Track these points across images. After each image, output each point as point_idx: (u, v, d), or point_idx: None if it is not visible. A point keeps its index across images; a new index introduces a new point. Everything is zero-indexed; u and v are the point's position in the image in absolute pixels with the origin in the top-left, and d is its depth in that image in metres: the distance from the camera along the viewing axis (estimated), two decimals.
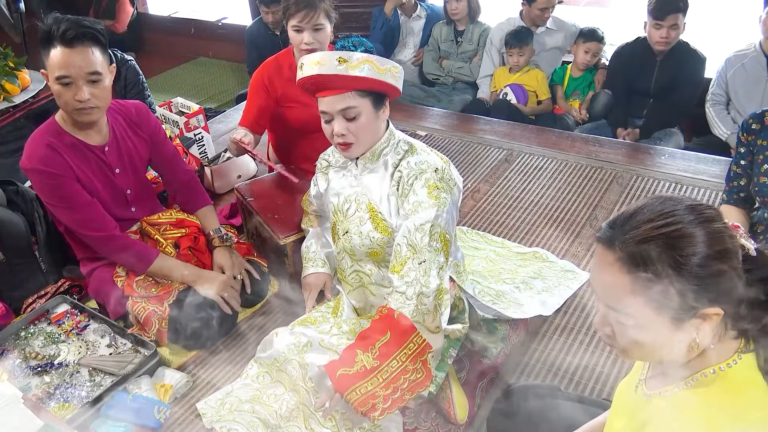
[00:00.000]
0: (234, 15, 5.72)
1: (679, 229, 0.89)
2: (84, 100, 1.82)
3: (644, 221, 0.91)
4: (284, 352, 1.70)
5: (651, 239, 0.89)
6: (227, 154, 2.88)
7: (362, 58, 1.56)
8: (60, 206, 1.94)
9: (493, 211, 2.66)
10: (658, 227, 0.90)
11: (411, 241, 1.57)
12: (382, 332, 1.54)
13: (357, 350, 1.53)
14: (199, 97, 4.75)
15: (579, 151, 3.06)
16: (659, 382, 1.03)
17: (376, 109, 1.64)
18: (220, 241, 2.14)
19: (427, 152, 1.70)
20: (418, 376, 1.53)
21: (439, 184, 1.62)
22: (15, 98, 3.27)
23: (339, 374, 1.50)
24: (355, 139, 1.64)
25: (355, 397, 1.49)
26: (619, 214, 0.96)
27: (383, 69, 1.59)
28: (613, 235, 0.93)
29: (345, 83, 1.57)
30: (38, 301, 2.18)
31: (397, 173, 1.68)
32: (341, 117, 1.62)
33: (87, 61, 1.81)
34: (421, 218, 1.58)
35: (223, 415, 1.72)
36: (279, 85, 2.42)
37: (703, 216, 0.91)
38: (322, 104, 1.64)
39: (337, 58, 1.55)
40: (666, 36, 3.02)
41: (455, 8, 3.78)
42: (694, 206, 0.92)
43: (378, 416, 1.49)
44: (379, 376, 1.51)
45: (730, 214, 1.95)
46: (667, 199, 0.94)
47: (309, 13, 2.24)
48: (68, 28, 1.78)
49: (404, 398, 1.52)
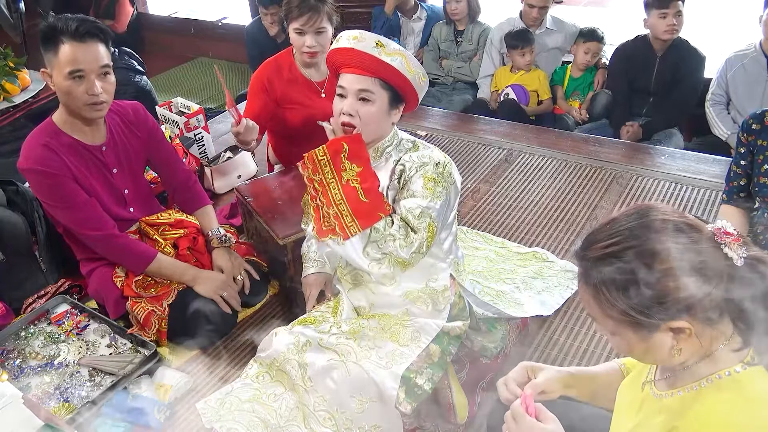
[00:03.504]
0: (234, 15, 5.71)
1: (623, 249, 0.94)
2: (97, 94, 1.85)
3: (596, 241, 0.98)
4: (283, 351, 1.70)
5: (600, 259, 0.95)
6: (227, 154, 2.88)
7: (398, 50, 1.61)
8: (58, 206, 1.94)
9: (493, 211, 2.66)
10: (606, 247, 0.95)
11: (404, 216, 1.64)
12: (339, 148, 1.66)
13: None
14: (199, 97, 4.75)
15: (579, 151, 3.06)
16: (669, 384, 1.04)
17: (390, 105, 1.67)
18: (219, 242, 2.14)
19: (430, 149, 1.73)
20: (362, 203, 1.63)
21: (437, 178, 1.65)
22: (15, 98, 3.28)
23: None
24: (360, 123, 1.65)
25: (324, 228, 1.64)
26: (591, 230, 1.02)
27: (413, 70, 1.63)
28: (578, 252, 1.00)
29: (373, 66, 1.60)
30: (38, 301, 2.18)
31: (399, 167, 1.70)
32: (356, 97, 1.63)
33: (98, 56, 1.85)
34: (413, 203, 1.63)
35: (223, 414, 1.72)
36: (279, 85, 2.42)
37: (658, 234, 0.93)
38: (343, 80, 1.65)
39: (375, 41, 1.60)
40: (673, 23, 3.00)
41: (455, 8, 3.78)
42: (648, 224, 0.94)
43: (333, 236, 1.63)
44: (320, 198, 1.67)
45: (730, 214, 1.95)
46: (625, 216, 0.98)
47: (312, 17, 2.24)
48: (79, 24, 1.81)
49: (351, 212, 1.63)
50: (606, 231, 0.97)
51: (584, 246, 0.99)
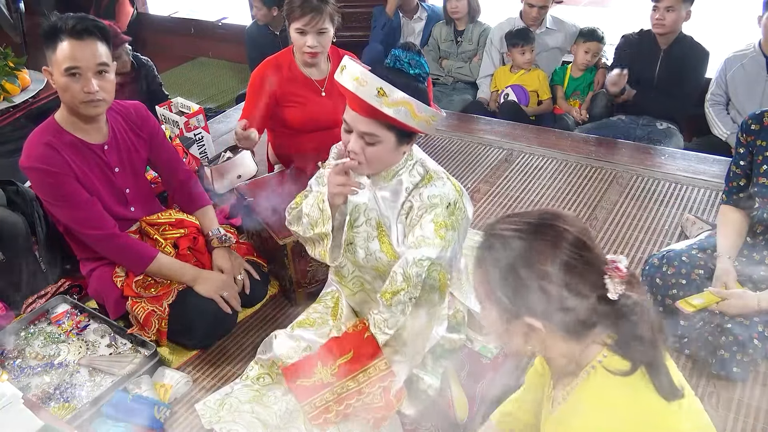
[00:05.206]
0: (234, 15, 5.71)
1: (518, 238, 1.00)
2: (93, 92, 1.85)
3: (505, 222, 1.05)
4: (283, 354, 1.70)
5: (497, 236, 1.03)
6: (227, 154, 2.88)
7: (401, 99, 1.42)
8: (59, 204, 1.94)
9: (493, 211, 2.66)
10: (507, 229, 1.03)
11: (407, 273, 1.53)
12: (346, 349, 1.57)
13: (318, 362, 1.58)
14: (199, 97, 4.75)
15: (579, 151, 3.06)
16: (557, 396, 1.11)
17: (398, 142, 1.54)
18: (219, 242, 2.14)
19: (442, 181, 1.60)
20: (375, 401, 1.55)
21: (447, 222, 1.54)
22: (15, 98, 3.28)
23: (297, 384, 1.57)
24: (366, 161, 1.54)
25: (310, 411, 1.56)
26: (509, 212, 1.10)
27: (419, 116, 1.45)
28: (489, 223, 1.09)
29: (375, 113, 1.45)
30: (38, 301, 2.19)
31: (407, 203, 1.60)
32: (360, 137, 1.52)
33: (95, 53, 1.85)
34: (422, 254, 1.52)
35: (223, 415, 1.72)
36: (278, 84, 2.42)
37: (553, 239, 0.99)
38: (347, 114, 1.53)
39: (377, 88, 1.42)
40: (661, 18, 2.99)
41: (455, 7, 3.78)
42: (549, 228, 1.01)
43: (324, 427, 1.56)
44: (334, 391, 1.56)
45: (730, 214, 1.95)
46: (538, 213, 1.05)
47: (315, 17, 2.24)
48: (76, 22, 1.82)
49: (357, 414, 1.55)
50: (517, 218, 1.05)
51: (496, 220, 1.08)
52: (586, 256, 0.99)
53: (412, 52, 1.51)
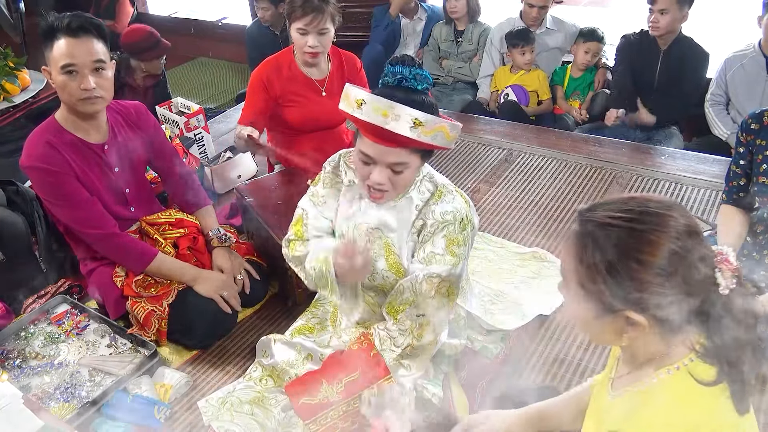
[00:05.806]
0: (234, 15, 5.71)
1: (626, 226, 0.91)
2: (89, 89, 1.85)
3: (606, 207, 0.95)
4: (284, 361, 1.70)
5: (600, 223, 0.93)
6: (227, 154, 2.88)
7: (438, 125, 1.38)
8: (59, 204, 1.94)
9: (493, 211, 2.66)
10: (612, 216, 0.93)
11: (417, 289, 1.52)
12: (353, 368, 1.55)
13: (323, 380, 1.56)
14: (199, 97, 4.75)
15: (579, 151, 3.06)
16: (623, 382, 1.05)
17: (423, 161, 1.52)
18: (219, 242, 2.15)
19: (452, 195, 1.56)
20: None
21: (459, 238, 1.52)
22: (15, 98, 3.28)
23: (301, 403, 1.55)
24: (392, 188, 1.50)
25: (315, 428, 1.54)
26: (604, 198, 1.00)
27: (452, 136, 1.43)
28: (582, 210, 0.98)
29: (407, 142, 1.39)
30: (38, 301, 2.18)
31: (419, 221, 1.57)
32: (386, 168, 1.45)
33: (91, 50, 1.85)
34: (433, 270, 1.51)
35: (222, 414, 1.72)
36: (278, 84, 2.42)
37: (666, 229, 0.90)
38: (368, 148, 1.43)
39: (413, 120, 1.35)
40: (655, 21, 2.98)
41: (454, 6, 3.77)
42: (663, 217, 0.91)
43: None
44: (340, 409, 1.55)
45: (730, 214, 1.95)
46: (645, 199, 0.95)
47: (316, 18, 2.24)
48: (72, 19, 1.82)
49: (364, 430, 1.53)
50: (620, 203, 0.95)
51: (592, 207, 0.97)
52: (697, 247, 0.91)
53: (413, 66, 1.43)
